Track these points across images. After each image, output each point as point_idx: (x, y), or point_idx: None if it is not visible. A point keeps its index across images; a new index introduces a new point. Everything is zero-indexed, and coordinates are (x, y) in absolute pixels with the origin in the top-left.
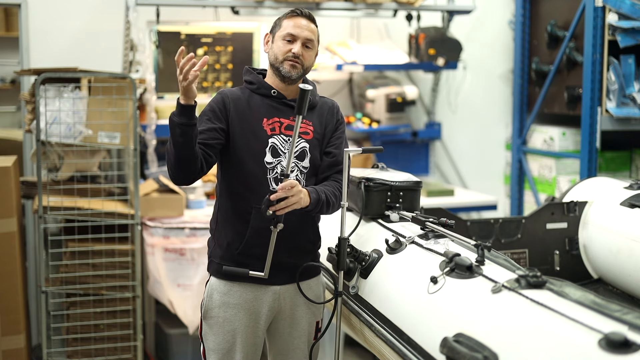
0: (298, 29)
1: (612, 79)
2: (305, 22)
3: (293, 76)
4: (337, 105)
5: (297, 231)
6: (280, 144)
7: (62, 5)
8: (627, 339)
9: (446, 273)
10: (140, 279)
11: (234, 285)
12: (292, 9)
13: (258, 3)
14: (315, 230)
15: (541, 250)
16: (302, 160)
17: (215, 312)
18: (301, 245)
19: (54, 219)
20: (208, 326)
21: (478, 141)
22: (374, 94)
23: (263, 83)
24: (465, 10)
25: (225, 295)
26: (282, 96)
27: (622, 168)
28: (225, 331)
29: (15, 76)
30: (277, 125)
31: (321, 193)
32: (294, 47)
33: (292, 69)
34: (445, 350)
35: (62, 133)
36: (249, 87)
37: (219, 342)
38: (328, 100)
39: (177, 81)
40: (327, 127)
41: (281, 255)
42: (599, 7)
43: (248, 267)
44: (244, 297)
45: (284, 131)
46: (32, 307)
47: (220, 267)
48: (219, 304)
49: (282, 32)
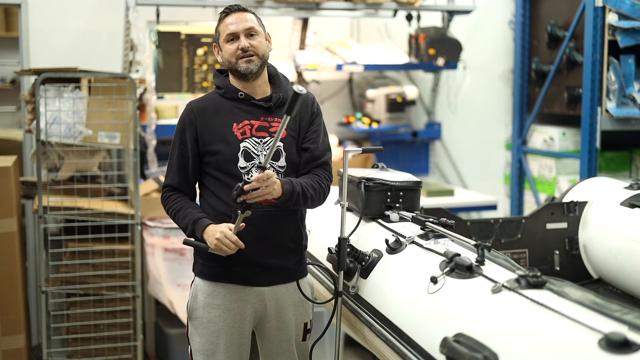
0: (234, 25)
1: (612, 79)
2: (238, 15)
3: (253, 70)
4: (312, 96)
5: (279, 231)
6: (253, 147)
7: (62, 5)
8: (627, 339)
9: (446, 273)
10: (140, 279)
11: (218, 286)
12: (221, 11)
13: (258, 3)
14: (298, 229)
15: (541, 250)
16: (278, 160)
17: (199, 313)
18: (284, 245)
19: (54, 219)
20: (193, 327)
21: (478, 141)
22: (374, 94)
23: (230, 87)
24: (465, 10)
25: (209, 296)
26: (250, 97)
27: (622, 168)
28: (209, 332)
29: (15, 76)
30: (248, 128)
31: (296, 185)
32: (239, 43)
33: (249, 63)
34: (445, 350)
35: (62, 133)
36: (218, 91)
37: (203, 342)
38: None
39: (224, 242)
40: (301, 121)
41: (264, 256)
42: (599, 7)
43: (230, 268)
44: (228, 298)
45: (255, 133)
46: (32, 307)
47: (204, 268)
48: (203, 304)
49: (223, 36)
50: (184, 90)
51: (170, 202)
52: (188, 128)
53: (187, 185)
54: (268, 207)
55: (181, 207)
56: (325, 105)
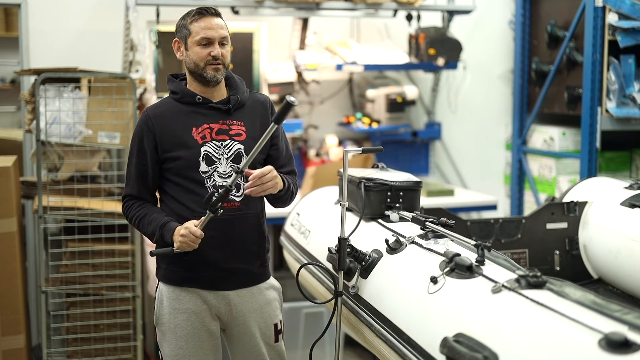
0: (211, 30)
1: (612, 79)
2: (216, 22)
3: (219, 79)
4: (269, 100)
5: (243, 235)
6: (214, 150)
7: (62, 5)
8: (627, 339)
9: (446, 273)
10: (140, 279)
11: (183, 291)
12: (197, 9)
13: (258, 3)
14: (261, 232)
15: (541, 250)
16: (239, 163)
17: (166, 319)
18: (248, 249)
19: (54, 219)
20: (161, 333)
21: (478, 141)
22: (374, 94)
23: (186, 91)
24: (465, 10)
25: (174, 301)
26: (208, 100)
27: (622, 168)
28: (177, 337)
29: (15, 76)
30: (207, 132)
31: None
32: (212, 50)
33: (216, 72)
34: (445, 350)
35: (62, 133)
36: (174, 96)
37: (172, 347)
38: (260, 96)
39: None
40: (263, 125)
41: (230, 261)
42: (599, 7)
43: (195, 272)
44: (194, 302)
45: (215, 136)
46: (32, 307)
47: (167, 273)
48: (169, 310)
49: (194, 37)
50: None
51: (133, 211)
52: (146, 135)
53: (148, 194)
54: (231, 210)
55: (145, 214)
56: (325, 105)
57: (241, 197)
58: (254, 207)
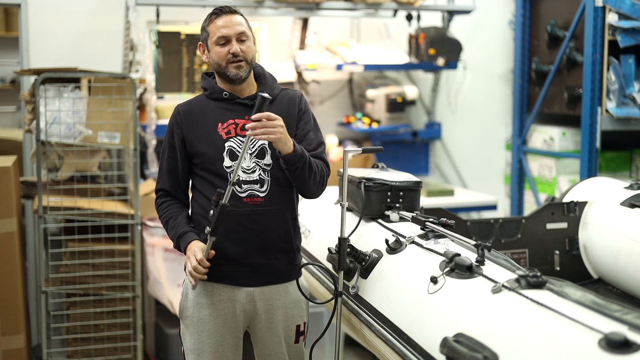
0: (226, 28)
1: (612, 79)
2: (230, 18)
3: (242, 76)
4: (299, 94)
5: (266, 230)
6: (238, 146)
7: (62, 5)
8: (627, 339)
9: (446, 273)
10: (140, 279)
11: (208, 285)
12: (213, 10)
13: (258, 3)
14: (287, 227)
15: (541, 250)
16: (263, 158)
17: (190, 312)
18: (273, 245)
19: (54, 219)
20: (184, 326)
21: (478, 141)
22: (374, 94)
23: (215, 87)
24: (465, 10)
25: (199, 295)
26: (234, 96)
27: (622, 168)
28: (199, 331)
29: (15, 76)
30: (232, 127)
31: (305, 152)
32: (230, 47)
33: (238, 69)
34: (445, 350)
35: (62, 133)
36: (204, 93)
37: (194, 342)
38: (290, 91)
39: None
40: (288, 117)
41: (252, 256)
42: (599, 7)
43: (219, 267)
44: (217, 297)
45: (240, 132)
46: (32, 307)
47: None
48: (193, 303)
49: (212, 37)
50: (183, 90)
51: (163, 210)
52: (175, 131)
53: (179, 188)
54: (254, 206)
55: (171, 217)
56: (325, 105)
57: (265, 193)
58: (280, 202)
